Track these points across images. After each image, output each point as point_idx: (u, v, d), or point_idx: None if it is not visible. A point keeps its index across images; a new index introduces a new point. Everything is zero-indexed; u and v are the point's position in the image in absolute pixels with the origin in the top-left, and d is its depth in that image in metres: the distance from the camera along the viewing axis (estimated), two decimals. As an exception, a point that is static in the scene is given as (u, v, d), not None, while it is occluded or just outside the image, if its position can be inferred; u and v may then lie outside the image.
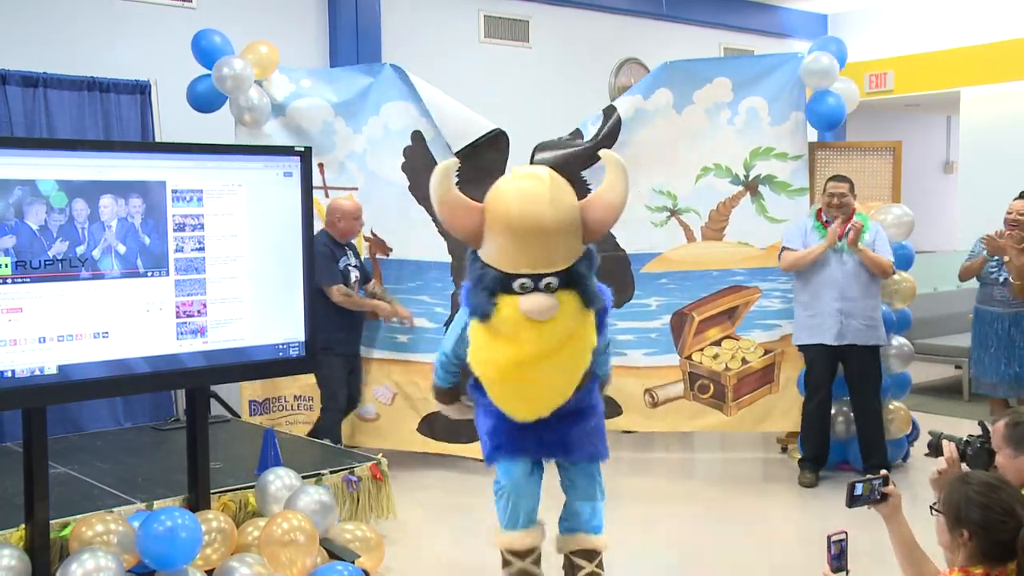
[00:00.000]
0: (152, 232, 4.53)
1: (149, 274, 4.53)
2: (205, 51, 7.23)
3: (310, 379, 7.08)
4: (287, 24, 8.89)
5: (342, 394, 6.97)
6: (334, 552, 4.96)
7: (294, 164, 5.02)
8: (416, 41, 9.60)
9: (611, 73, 11.21)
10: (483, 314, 3.96)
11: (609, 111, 7.51)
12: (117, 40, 7.90)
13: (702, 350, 7.40)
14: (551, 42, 10.71)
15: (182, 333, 4.64)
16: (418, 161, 7.29)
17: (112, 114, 7.67)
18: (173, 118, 7.78)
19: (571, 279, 3.98)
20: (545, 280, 3.90)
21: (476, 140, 7.30)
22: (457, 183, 4.19)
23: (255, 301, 4.90)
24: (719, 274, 7.40)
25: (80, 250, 4.25)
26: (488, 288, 3.95)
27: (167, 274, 4.61)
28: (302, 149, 5.12)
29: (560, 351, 4.00)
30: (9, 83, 7.25)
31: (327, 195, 7.23)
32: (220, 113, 7.35)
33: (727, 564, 5.47)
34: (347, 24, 9.13)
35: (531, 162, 7.33)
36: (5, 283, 3.99)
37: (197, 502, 4.90)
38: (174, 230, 4.62)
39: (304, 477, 5.27)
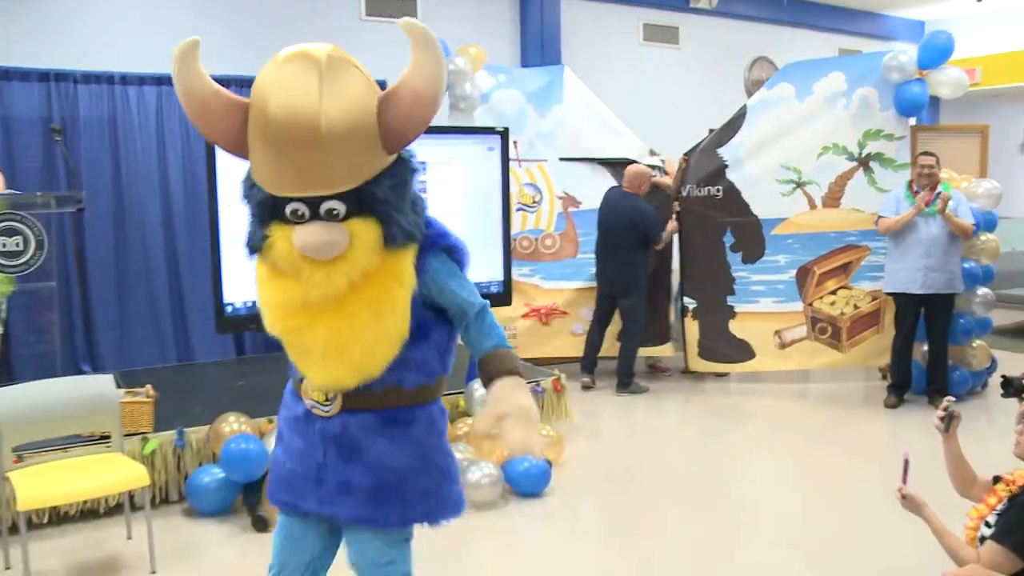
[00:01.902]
0: (390, 194, 4.63)
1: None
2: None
3: (515, 311, 7.31)
4: (487, 28, 8.94)
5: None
6: (525, 445, 5.02)
7: (495, 141, 5.09)
8: (589, 43, 9.55)
9: (745, 69, 10.94)
10: (253, 248, 2.21)
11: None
12: (361, 50, 8.02)
13: (821, 298, 7.23)
14: (697, 44, 10.51)
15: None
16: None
17: None
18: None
19: (367, 203, 2.11)
20: (326, 205, 2.06)
21: (585, 159, 7.66)
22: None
23: (466, 249, 4.98)
24: (836, 235, 7.21)
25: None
26: (257, 215, 2.18)
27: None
28: (502, 129, 5.16)
29: (355, 297, 2.15)
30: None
31: (520, 166, 7.43)
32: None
33: (828, 471, 5.35)
34: (534, 30, 9.14)
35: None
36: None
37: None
38: (406, 193, 4.71)
39: (502, 386, 5.32)
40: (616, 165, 7.59)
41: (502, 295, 5.18)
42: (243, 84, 7.34)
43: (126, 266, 7.03)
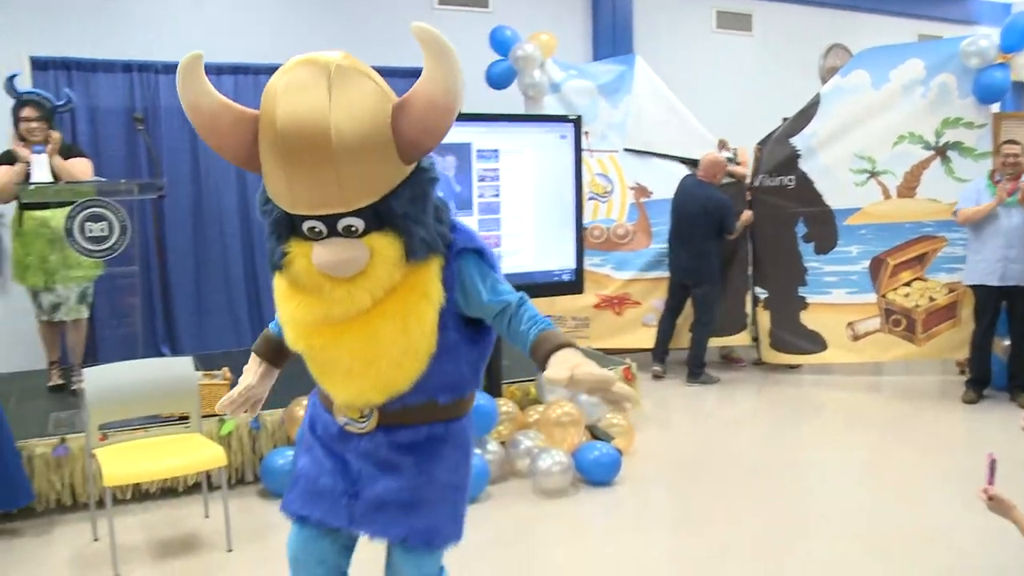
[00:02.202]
0: (462, 181, 4.71)
1: (459, 214, 4.64)
2: (500, 42, 7.52)
3: (586, 300, 7.29)
4: (559, 17, 8.90)
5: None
6: (596, 434, 5.03)
7: (568, 130, 5.08)
8: (661, 32, 9.45)
9: (820, 56, 10.71)
10: (272, 265, 2.09)
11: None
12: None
13: (895, 290, 7.07)
14: (770, 32, 10.32)
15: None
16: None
17: None
18: (472, 97, 7.96)
19: (386, 218, 1.97)
20: (343, 222, 1.93)
21: (653, 153, 7.61)
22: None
23: (537, 236, 5.02)
24: (911, 226, 7.04)
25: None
26: (274, 232, 2.05)
27: (472, 214, 4.76)
28: (574, 117, 5.15)
29: (379, 312, 2.03)
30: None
31: (592, 156, 7.41)
32: (504, 93, 7.58)
33: (900, 467, 5.22)
34: (606, 19, 9.08)
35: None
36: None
37: (493, 389, 5.06)
38: (478, 180, 4.79)
39: (572, 375, 5.31)
40: (682, 162, 7.51)
41: (574, 283, 5.16)
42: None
43: (204, 252, 7.18)
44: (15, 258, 5.34)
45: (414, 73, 2.00)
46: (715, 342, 7.39)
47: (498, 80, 7.63)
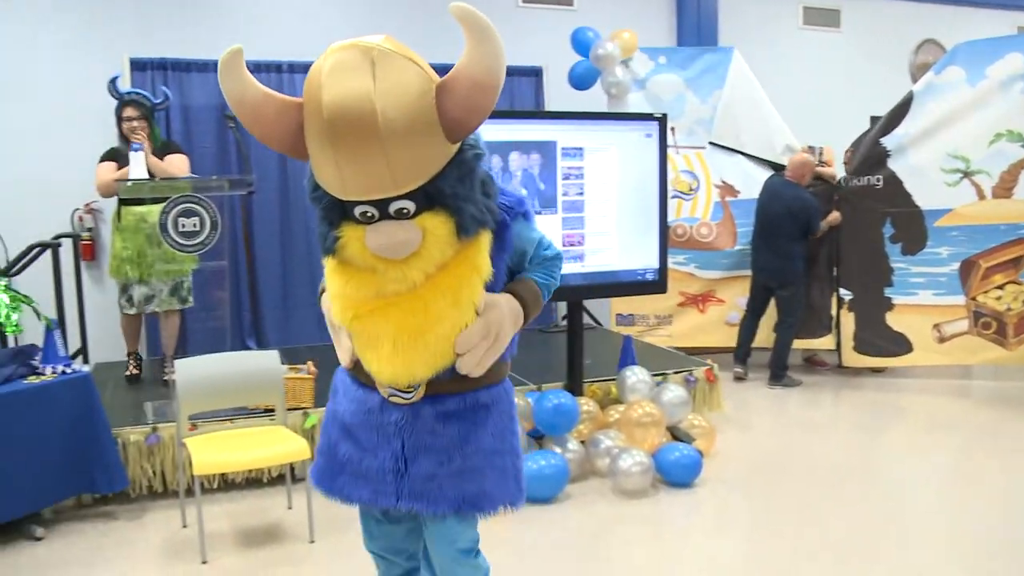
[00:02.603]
0: (546, 180, 4.69)
1: (543, 212, 4.69)
2: (581, 42, 7.49)
3: (670, 299, 7.23)
4: (644, 14, 8.82)
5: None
6: (677, 435, 4.97)
7: (653, 127, 5.02)
8: (746, 28, 9.27)
9: (911, 52, 10.40)
10: (325, 250, 2.11)
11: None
12: (518, 35, 8.10)
13: (986, 292, 6.84)
14: (859, 27, 10.05)
15: (566, 258, 4.72)
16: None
17: (515, 92, 8.00)
18: (557, 95, 8.01)
19: (436, 198, 1.99)
20: (395, 205, 1.95)
21: (743, 152, 7.49)
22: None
23: (621, 235, 4.97)
24: (1007, 228, 6.80)
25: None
26: (326, 218, 2.08)
27: (556, 212, 4.74)
28: (660, 115, 5.09)
29: (431, 286, 2.04)
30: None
31: (677, 152, 7.31)
32: (590, 91, 7.54)
33: (989, 473, 5.04)
34: (691, 15, 8.96)
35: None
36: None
37: (574, 388, 5.04)
38: (562, 178, 4.76)
39: (653, 375, 5.28)
40: (763, 163, 7.38)
41: (657, 283, 5.10)
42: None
43: (290, 247, 7.29)
44: (114, 252, 5.49)
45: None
46: (798, 344, 7.25)
47: (580, 81, 7.58)
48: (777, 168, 7.26)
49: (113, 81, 5.38)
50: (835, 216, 7.06)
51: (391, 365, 2.11)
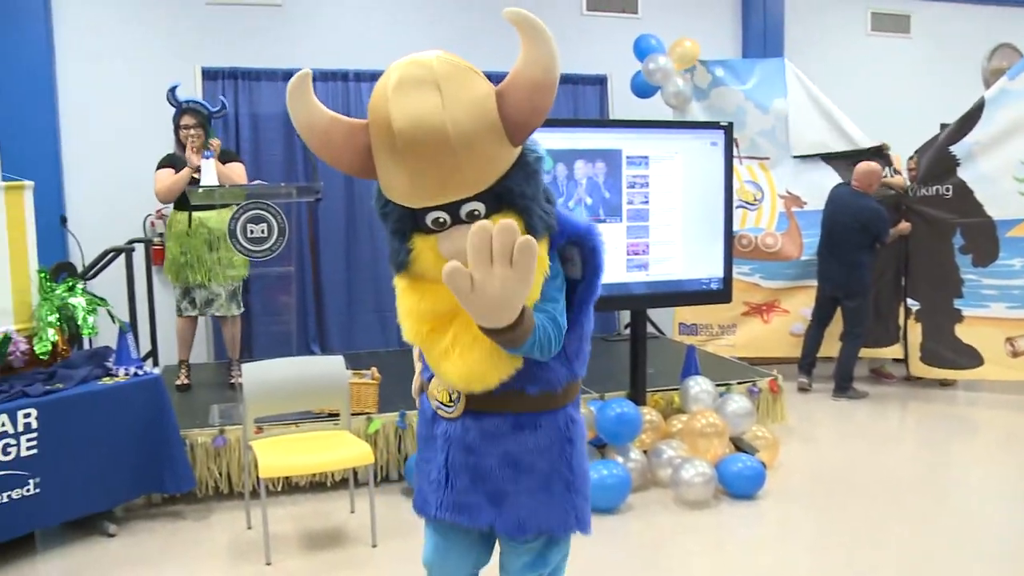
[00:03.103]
0: (611, 188, 4.67)
1: (608, 220, 4.68)
2: (644, 51, 7.47)
3: (733, 309, 7.17)
4: (708, 21, 8.75)
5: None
6: (740, 446, 4.91)
7: (719, 136, 4.98)
8: (812, 35, 9.14)
9: (984, 58, 10.13)
10: (398, 265, 2.12)
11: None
12: (583, 44, 8.10)
13: (1064, 304, 6.66)
14: (930, 33, 9.83)
15: (630, 267, 4.77)
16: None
17: (579, 100, 8.00)
18: (621, 103, 7.99)
19: (505, 199, 2.01)
20: (466, 208, 1.98)
21: (823, 154, 7.37)
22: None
23: (685, 244, 4.93)
24: (1083, 239, 6.61)
25: (559, 201, 4.42)
26: (397, 231, 2.08)
27: (620, 220, 4.73)
28: (726, 124, 5.05)
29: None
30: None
31: (741, 163, 7.25)
32: (654, 99, 7.51)
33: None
34: (756, 23, 8.87)
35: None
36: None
37: (637, 397, 5.01)
38: (627, 187, 4.75)
39: (716, 385, 5.23)
40: (850, 158, 7.22)
41: (722, 292, 5.06)
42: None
43: (355, 254, 7.37)
44: (170, 256, 5.58)
45: (561, 79, 2.01)
46: (865, 354, 7.12)
47: (642, 89, 7.55)
48: (870, 153, 7.12)
49: (172, 90, 5.49)
50: (905, 226, 6.92)
51: (464, 371, 2.09)
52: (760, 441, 5.02)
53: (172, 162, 5.53)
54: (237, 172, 5.52)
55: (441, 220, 2.00)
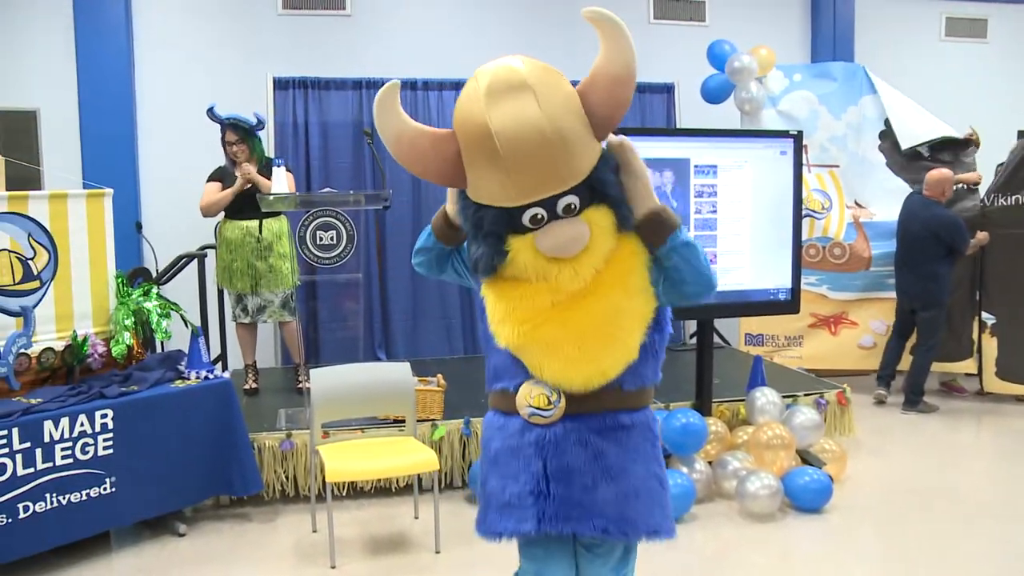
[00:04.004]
0: (679, 197, 4.65)
1: (676, 230, 4.63)
2: (717, 56, 7.43)
3: (800, 320, 7.08)
4: (777, 28, 8.67)
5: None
6: (807, 459, 4.84)
7: (788, 145, 4.93)
8: (883, 41, 8.99)
9: (1067, 63, 9.85)
10: (492, 268, 2.12)
11: None
12: (650, 51, 8.08)
13: None
14: (1008, 37, 9.57)
15: (696, 276, 4.71)
16: (890, 142, 7.34)
17: (646, 109, 7.98)
18: (688, 111, 7.94)
19: (595, 191, 2.06)
20: (563, 202, 2.02)
21: (929, 142, 7.17)
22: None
23: (753, 254, 4.89)
24: None
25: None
26: (493, 233, 2.08)
27: (688, 230, 4.67)
28: (795, 133, 4.99)
29: (600, 282, 2.09)
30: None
31: (810, 171, 7.16)
32: (724, 106, 7.44)
33: None
34: (826, 29, 8.76)
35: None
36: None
37: (702, 408, 4.97)
38: (695, 196, 4.72)
39: (784, 397, 5.16)
40: (947, 148, 7.13)
41: (790, 303, 4.99)
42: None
43: (421, 261, 7.42)
44: (221, 264, 5.66)
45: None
46: (936, 368, 6.95)
47: (713, 94, 7.50)
48: (962, 144, 6.99)
49: (211, 109, 5.55)
50: (983, 236, 6.74)
51: (578, 367, 2.11)
52: (827, 454, 4.94)
53: (221, 176, 5.63)
54: (288, 183, 5.50)
55: (539, 216, 2.04)
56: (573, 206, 2.04)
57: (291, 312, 5.72)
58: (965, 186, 6.96)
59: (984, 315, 6.89)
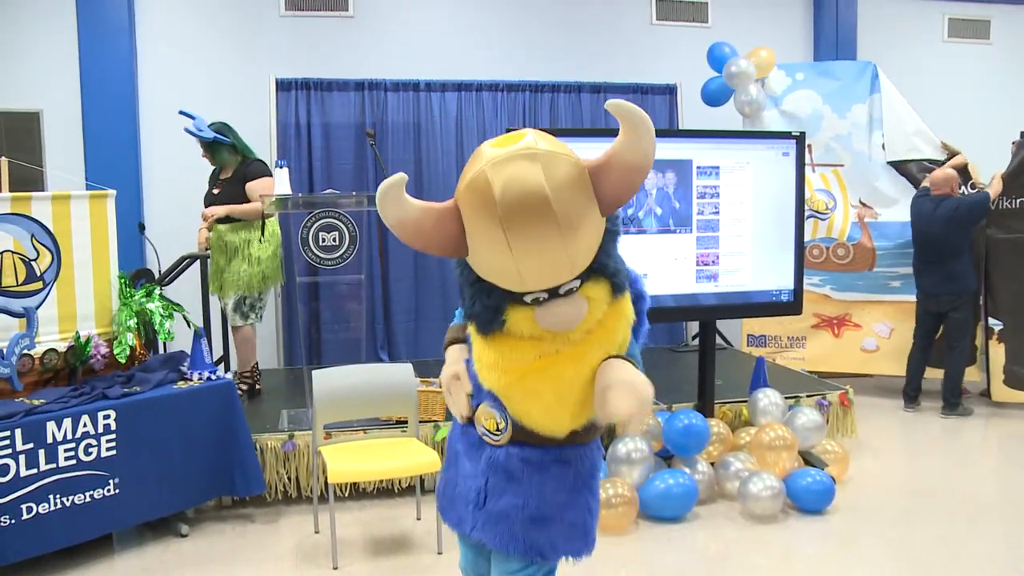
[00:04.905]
0: (681, 199, 4.66)
1: (677, 231, 4.68)
2: (717, 58, 7.41)
3: (803, 321, 7.08)
4: (780, 29, 8.69)
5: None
6: (809, 460, 4.84)
7: (790, 146, 4.94)
8: (886, 44, 8.98)
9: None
10: (487, 331, 2.18)
11: None
12: (653, 53, 8.11)
13: None
14: (1011, 39, 9.55)
15: (700, 277, 4.74)
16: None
17: (648, 110, 7.81)
18: (691, 112, 7.94)
19: (597, 270, 2.10)
20: (566, 287, 2.06)
21: (911, 160, 7.16)
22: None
23: (756, 255, 4.90)
24: None
25: (629, 212, 4.45)
26: (492, 306, 2.13)
27: (690, 231, 4.72)
28: (798, 134, 5.00)
29: (588, 340, 2.15)
30: (583, 91, 7.67)
31: (814, 171, 7.14)
32: (724, 108, 7.45)
33: None
34: (828, 30, 8.77)
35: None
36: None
37: (705, 409, 4.97)
38: (697, 197, 4.73)
39: (786, 398, 5.16)
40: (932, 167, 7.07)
41: (792, 304, 5.00)
42: (537, 89, 7.62)
43: (423, 263, 7.44)
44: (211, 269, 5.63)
45: (631, 88, 2.05)
46: (936, 373, 6.90)
47: (713, 97, 7.46)
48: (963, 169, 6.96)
49: (187, 129, 5.53)
50: (997, 183, 6.60)
51: (555, 415, 2.21)
52: (830, 455, 4.94)
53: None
54: (260, 190, 5.35)
55: (541, 299, 2.07)
56: (574, 288, 2.07)
57: (243, 317, 5.49)
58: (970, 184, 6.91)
59: (991, 321, 6.85)
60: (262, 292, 5.52)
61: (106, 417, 3.90)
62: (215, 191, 5.52)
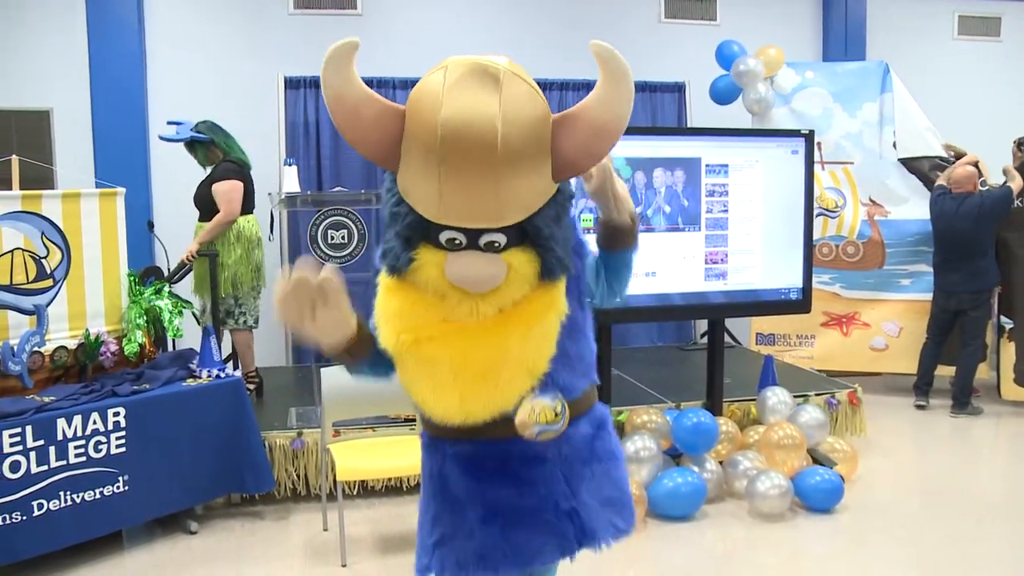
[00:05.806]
0: (690, 197, 4.67)
1: (686, 229, 4.69)
2: (726, 56, 7.40)
3: (812, 319, 7.05)
4: (788, 27, 8.67)
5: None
6: (817, 459, 4.84)
7: (800, 144, 4.94)
8: (895, 40, 8.97)
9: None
10: (394, 269, 1.85)
11: None
12: (661, 51, 8.09)
13: None
14: (1023, 36, 9.52)
15: (708, 276, 4.75)
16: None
17: (657, 108, 7.98)
18: (699, 110, 7.94)
19: (528, 234, 1.82)
20: (487, 237, 1.78)
21: (922, 157, 7.12)
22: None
23: (764, 253, 4.90)
24: None
25: (638, 210, 4.44)
26: (403, 236, 1.82)
27: (699, 229, 4.73)
28: (807, 132, 4.99)
29: (503, 318, 1.85)
30: (592, 89, 7.68)
31: (823, 168, 7.12)
32: (734, 105, 7.44)
33: None
34: (837, 27, 8.75)
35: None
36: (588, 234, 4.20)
37: (713, 407, 4.98)
38: (706, 195, 4.74)
39: (795, 396, 5.17)
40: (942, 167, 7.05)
41: (801, 303, 5.00)
42: (546, 87, 7.62)
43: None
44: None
45: (639, 87, 2.02)
46: (948, 371, 6.90)
47: (722, 95, 7.45)
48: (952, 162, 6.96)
49: (167, 137, 5.53)
50: (1019, 178, 6.53)
51: (439, 396, 1.92)
52: (838, 454, 4.93)
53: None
54: (222, 196, 5.36)
55: (457, 242, 1.79)
56: (497, 244, 1.79)
57: (220, 323, 5.38)
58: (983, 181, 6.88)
59: (1002, 319, 6.82)
60: (238, 297, 5.43)
61: (116, 414, 3.92)
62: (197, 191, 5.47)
